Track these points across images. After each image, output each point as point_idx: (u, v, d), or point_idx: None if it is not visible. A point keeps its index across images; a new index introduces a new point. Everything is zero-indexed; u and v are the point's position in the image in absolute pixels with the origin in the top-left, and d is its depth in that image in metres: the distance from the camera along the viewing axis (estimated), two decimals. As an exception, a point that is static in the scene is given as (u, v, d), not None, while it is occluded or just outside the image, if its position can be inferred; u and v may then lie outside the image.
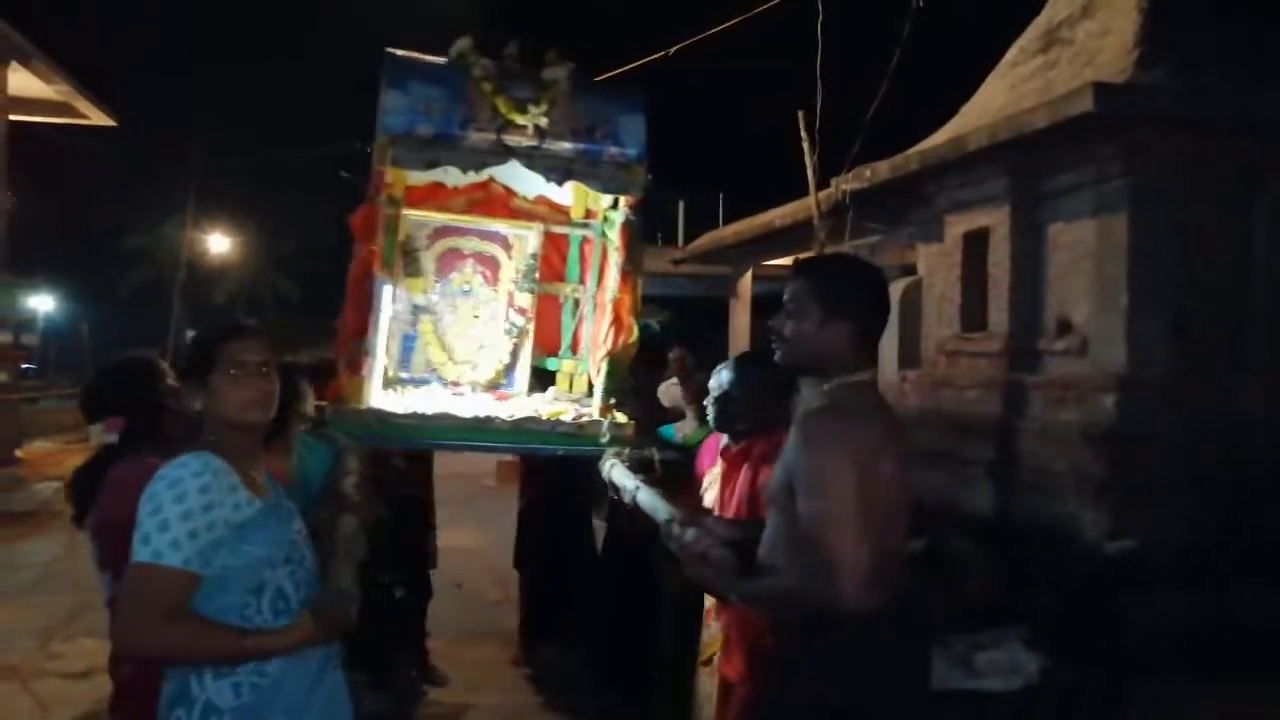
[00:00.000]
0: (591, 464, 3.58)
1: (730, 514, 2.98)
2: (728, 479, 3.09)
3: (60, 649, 5.41)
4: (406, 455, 4.18)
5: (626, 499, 3.11)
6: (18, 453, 12.10)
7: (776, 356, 2.25)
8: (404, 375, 4.31)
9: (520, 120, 3.49)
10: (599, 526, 5.13)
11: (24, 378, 15.66)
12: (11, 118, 11.95)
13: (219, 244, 28.51)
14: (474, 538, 7.93)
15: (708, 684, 2.95)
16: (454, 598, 6.24)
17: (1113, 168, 5.21)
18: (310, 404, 3.27)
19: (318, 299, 22.42)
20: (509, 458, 8.06)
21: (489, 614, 6.11)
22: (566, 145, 3.55)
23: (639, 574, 3.97)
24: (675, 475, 3.76)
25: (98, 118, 13.05)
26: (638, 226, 3.84)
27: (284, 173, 24.76)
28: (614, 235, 3.98)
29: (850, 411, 2.10)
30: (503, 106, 3.50)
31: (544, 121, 3.51)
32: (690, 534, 2.40)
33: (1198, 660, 4.33)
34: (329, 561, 2.13)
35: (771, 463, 2.29)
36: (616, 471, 3.30)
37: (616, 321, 3.85)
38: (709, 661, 2.95)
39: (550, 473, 5.02)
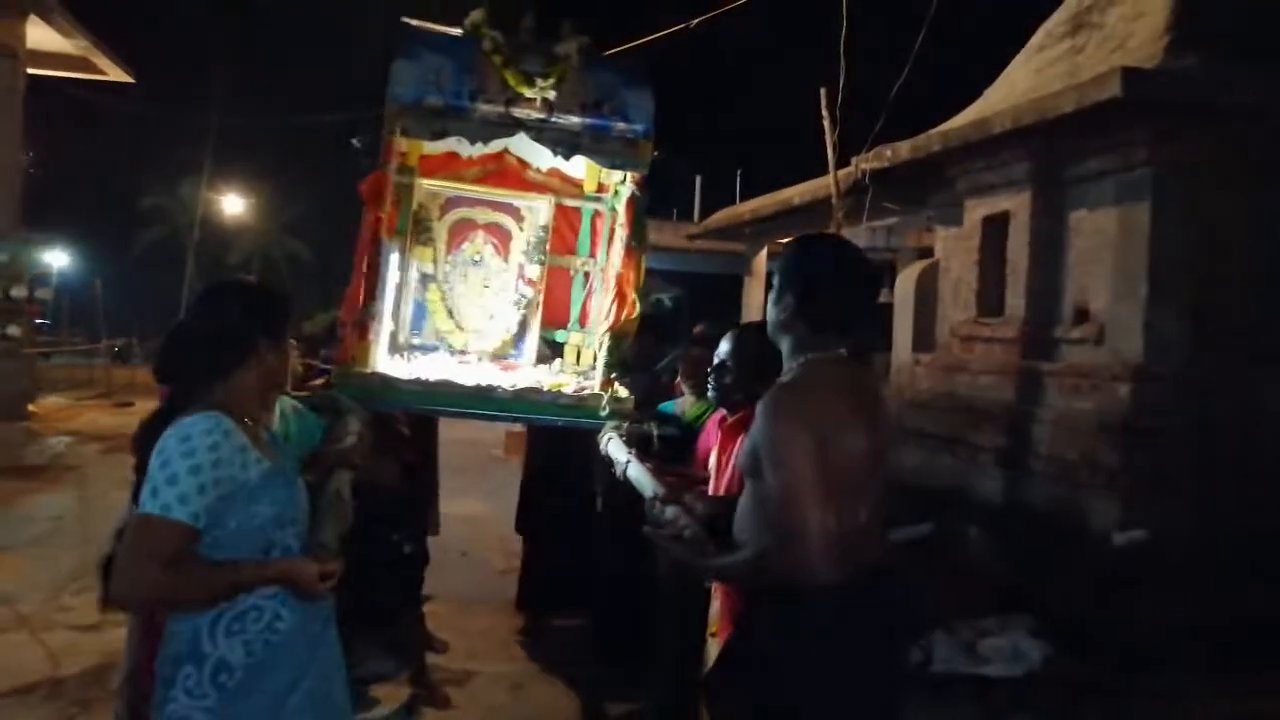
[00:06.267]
0: (591, 436, 3.60)
1: (724, 484, 2.99)
2: (724, 450, 3.10)
3: (71, 602, 5.45)
4: (410, 421, 4.19)
5: (618, 472, 3.16)
6: (31, 407, 12.18)
7: None
8: (413, 342, 4.33)
9: (528, 93, 3.52)
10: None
11: (38, 332, 15.74)
12: (30, 71, 11.92)
13: (234, 205, 28.64)
14: (481, 506, 7.95)
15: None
16: (459, 565, 6.26)
17: (1138, 155, 5.13)
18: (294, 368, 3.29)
19: (329, 262, 22.45)
20: (517, 428, 8.08)
21: (493, 582, 6.12)
22: (575, 119, 3.57)
23: (635, 546, 3.97)
24: (673, 451, 3.76)
25: (115, 74, 13.02)
26: (643, 202, 3.86)
27: (299, 135, 24.75)
28: (620, 210, 3.98)
29: (810, 386, 2.16)
30: (512, 79, 3.52)
31: (552, 95, 3.54)
32: (670, 512, 2.46)
33: (1205, 654, 4.30)
34: (315, 517, 2.13)
35: None
36: (613, 445, 3.34)
37: (619, 296, 3.86)
38: (717, 634, 2.94)
39: (553, 444, 5.01)
